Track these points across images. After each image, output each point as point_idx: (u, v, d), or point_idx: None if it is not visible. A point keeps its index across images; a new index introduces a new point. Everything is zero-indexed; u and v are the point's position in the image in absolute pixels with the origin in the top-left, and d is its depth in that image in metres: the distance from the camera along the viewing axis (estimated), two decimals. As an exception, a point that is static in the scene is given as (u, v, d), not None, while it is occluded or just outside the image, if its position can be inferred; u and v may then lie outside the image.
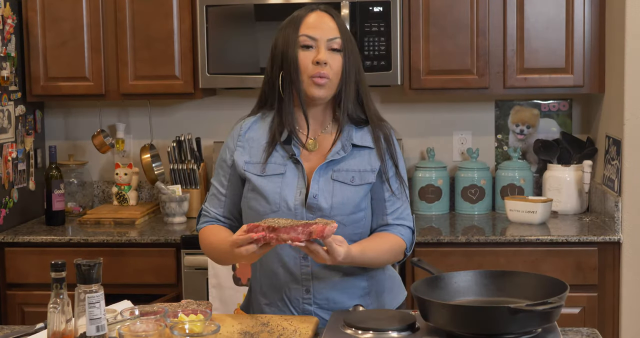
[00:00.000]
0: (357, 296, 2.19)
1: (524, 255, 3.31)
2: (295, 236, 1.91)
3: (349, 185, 2.13)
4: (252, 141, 2.20)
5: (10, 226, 3.64)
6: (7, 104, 3.61)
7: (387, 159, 2.17)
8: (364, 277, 2.19)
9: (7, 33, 3.60)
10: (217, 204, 2.25)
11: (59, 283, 1.73)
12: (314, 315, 2.15)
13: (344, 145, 2.15)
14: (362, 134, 2.17)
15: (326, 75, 2.09)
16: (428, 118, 3.98)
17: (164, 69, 3.67)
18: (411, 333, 1.86)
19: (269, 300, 2.21)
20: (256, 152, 2.18)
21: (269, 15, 3.52)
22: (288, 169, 2.14)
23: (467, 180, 3.81)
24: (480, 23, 3.56)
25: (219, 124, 4.03)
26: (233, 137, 2.24)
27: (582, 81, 3.55)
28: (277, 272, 2.17)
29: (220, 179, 2.24)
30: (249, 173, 2.16)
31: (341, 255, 1.96)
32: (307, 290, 2.16)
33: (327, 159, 2.14)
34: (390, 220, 2.18)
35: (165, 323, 1.82)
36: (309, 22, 2.13)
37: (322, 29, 2.12)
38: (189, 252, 3.37)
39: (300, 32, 2.12)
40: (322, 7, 2.17)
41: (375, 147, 2.16)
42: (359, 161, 2.16)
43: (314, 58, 2.10)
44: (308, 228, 1.91)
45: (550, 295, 1.80)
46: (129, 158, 4.10)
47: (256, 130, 2.21)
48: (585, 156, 3.74)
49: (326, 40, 2.11)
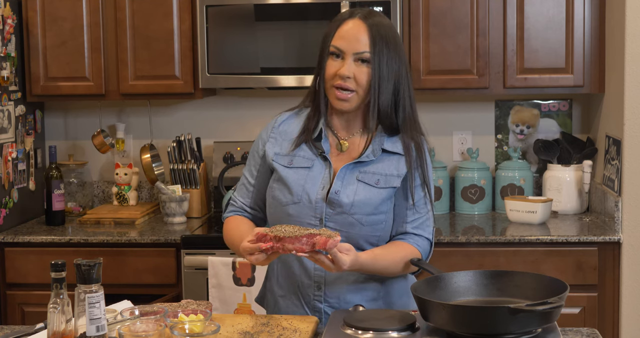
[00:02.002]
0: (370, 298, 2.18)
1: (524, 255, 3.31)
2: (300, 246, 1.96)
3: (372, 186, 2.13)
4: (285, 134, 2.23)
5: (10, 226, 3.64)
6: (7, 104, 3.61)
7: (414, 167, 2.16)
8: (379, 280, 2.19)
9: (7, 33, 3.60)
10: (245, 194, 2.28)
11: (59, 283, 1.73)
12: (323, 313, 2.16)
13: (374, 150, 2.16)
14: (393, 141, 2.17)
15: (349, 88, 2.10)
16: (428, 118, 3.96)
17: (164, 68, 3.67)
18: (411, 333, 1.86)
19: (284, 291, 2.22)
20: (287, 145, 2.21)
21: (269, 15, 3.52)
22: (315, 164, 2.16)
23: (467, 180, 3.81)
24: (480, 23, 3.56)
25: (219, 124, 4.03)
26: (267, 129, 2.27)
27: (582, 81, 3.56)
28: (292, 265, 2.19)
29: (250, 169, 2.27)
30: (276, 164, 2.18)
31: (346, 264, 1.97)
32: (318, 286, 2.16)
33: (356, 160, 2.15)
34: (409, 229, 2.18)
35: (165, 323, 1.82)
36: (343, 31, 2.12)
37: (352, 42, 2.10)
38: (189, 252, 3.37)
39: (332, 42, 2.12)
40: (361, 14, 2.14)
41: (405, 154, 2.16)
42: (387, 165, 2.16)
43: (338, 71, 2.11)
44: (312, 240, 1.96)
45: (550, 295, 1.80)
46: (129, 158, 4.10)
47: (290, 124, 2.24)
48: (585, 156, 3.74)
49: (353, 53, 2.10)
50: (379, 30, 2.11)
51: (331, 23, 2.17)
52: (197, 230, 3.58)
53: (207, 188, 3.98)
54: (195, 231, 3.56)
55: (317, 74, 2.18)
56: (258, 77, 3.56)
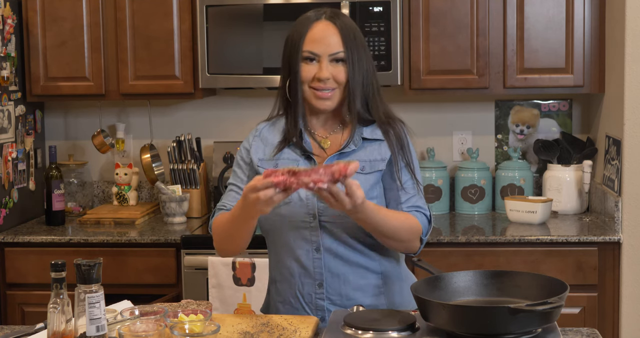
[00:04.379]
0: (371, 295, 2.18)
1: (524, 255, 3.31)
2: (318, 178, 1.85)
3: (359, 173, 2.14)
4: (267, 140, 2.24)
5: (10, 226, 3.64)
6: (7, 104, 3.61)
7: (397, 150, 2.18)
8: (379, 275, 2.19)
9: (7, 33, 3.60)
10: (235, 198, 2.23)
11: (59, 283, 1.73)
12: (326, 311, 2.16)
13: (355, 140, 2.18)
14: (371, 129, 2.20)
15: (329, 87, 2.13)
16: (428, 118, 3.98)
17: (164, 68, 3.67)
18: (411, 333, 1.86)
19: (282, 297, 2.22)
20: (270, 151, 2.22)
21: (270, 15, 3.52)
22: (301, 164, 2.18)
23: (467, 180, 3.81)
24: (480, 23, 3.56)
25: (219, 124, 4.03)
26: (248, 138, 2.28)
27: (582, 81, 3.56)
28: (290, 267, 2.18)
29: (238, 177, 2.25)
30: (262, 169, 2.18)
31: (360, 197, 1.92)
32: (319, 284, 2.16)
33: (339, 152, 2.17)
34: (405, 208, 2.18)
35: (165, 323, 1.82)
36: (313, 34, 2.13)
37: (325, 44, 2.13)
38: (189, 252, 3.37)
39: (303, 47, 2.13)
40: (328, 14, 2.17)
41: (385, 139, 2.19)
42: (369, 152, 2.18)
43: (316, 74, 2.13)
44: (330, 169, 1.86)
45: (550, 295, 1.80)
46: (129, 158, 4.10)
47: (271, 131, 2.26)
48: (585, 156, 3.74)
49: (328, 55, 2.13)
50: (348, 29, 2.15)
51: (296, 26, 2.17)
52: (197, 230, 3.58)
53: (207, 188, 3.98)
54: (195, 231, 3.56)
55: (286, 79, 2.17)
56: (258, 77, 3.56)
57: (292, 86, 2.16)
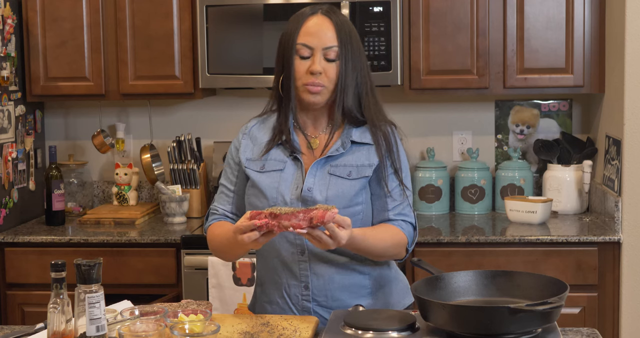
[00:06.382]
0: (359, 295, 2.19)
1: (524, 255, 3.31)
2: (297, 223, 1.91)
3: (345, 178, 2.14)
4: (255, 139, 2.24)
5: (10, 226, 3.64)
6: (7, 104, 3.61)
7: (385, 156, 2.17)
8: (366, 276, 2.20)
9: (7, 33, 3.60)
10: (226, 201, 2.26)
11: (59, 283, 1.73)
12: (312, 313, 2.16)
13: (344, 143, 2.18)
14: (361, 132, 2.20)
15: (320, 84, 2.12)
16: (428, 118, 3.98)
17: (164, 69, 3.67)
18: (411, 333, 1.86)
19: (269, 298, 2.22)
20: (258, 150, 2.22)
21: (270, 15, 3.52)
22: (287, 166, 2.17)
23: (467, 180, 3.81)
24: (480, 23, 3.56)
25: (219, 124, 4.03)
26: (238, 137, 2.28)
27: (582, 81, 3.56)
28: (276, 268, 2.19)
29: (228, 177, 2.27)
30: (249, 170, 2.19)
31: (344, 238, 1.95)
32: (305, 286, 2.17)
33: (326, 155, 2.16)
34: (392, 216, 2.18)
35: (165, 323, 1.82)
36: (308, 27, 2.14)
37: (320, 37, 2.12)
38: (189, 252, 3.37)
39: (298, 40, 2.13)
40: (324, 9, 2.17)
41: (374, 144, 2.18)
42: (357, 156, 2.18)
43: (309, 68, 2.12)
44: (309, 215, 1.91)
45: (550, 295, 1.80)
46: (129, 158, 4.10)
47: (260, 129, 2.25)
48: (585, 156, 3.74)
49: (322, 48, 2.12)
50: (343, 25, 2.15)
51: (291, 22, 2.18)
52: (197, 230, 3.58)
53: (207, 188, 3.98)
54: (195, 231, 3.56)
55: (280, 75, 2.18)
56: (258, 77, 3.56)
57: (285, 82, 2.16)
